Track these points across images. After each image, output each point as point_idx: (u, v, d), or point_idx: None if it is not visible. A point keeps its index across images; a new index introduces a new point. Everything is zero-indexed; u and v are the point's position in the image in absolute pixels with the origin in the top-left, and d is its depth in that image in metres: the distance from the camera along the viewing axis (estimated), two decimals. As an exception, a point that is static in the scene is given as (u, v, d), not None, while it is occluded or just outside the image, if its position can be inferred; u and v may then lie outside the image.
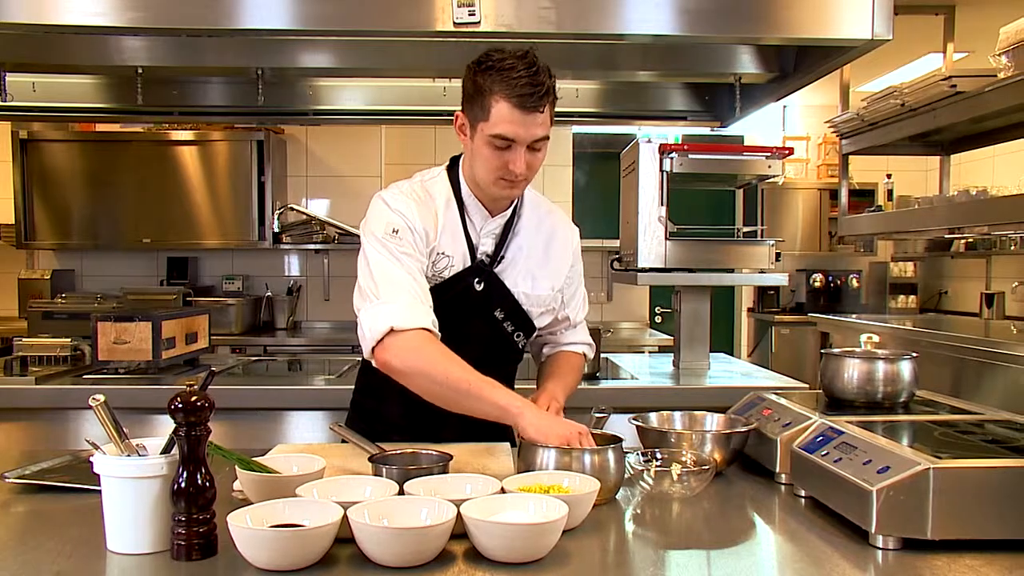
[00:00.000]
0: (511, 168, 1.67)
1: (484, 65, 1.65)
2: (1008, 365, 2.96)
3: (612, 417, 1.75)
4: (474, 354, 1.76)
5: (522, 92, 1.60)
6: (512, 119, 1.62)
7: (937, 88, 3.19)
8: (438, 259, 1.79)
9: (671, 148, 2.99)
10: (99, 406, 1.22)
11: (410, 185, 1.84)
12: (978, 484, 1.23)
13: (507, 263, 1.84)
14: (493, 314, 1.84)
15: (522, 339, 1.91)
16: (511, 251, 1.84)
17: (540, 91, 1.61)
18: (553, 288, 1.89)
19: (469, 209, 1.82)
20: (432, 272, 1.78)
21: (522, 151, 1.66)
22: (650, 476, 1.51)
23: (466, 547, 1.21)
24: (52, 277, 4.95)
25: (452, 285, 1.80)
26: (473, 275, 1.81)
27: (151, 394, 2.65)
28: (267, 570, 1.13)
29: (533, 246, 1.87)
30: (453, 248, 1.80)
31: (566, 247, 1.94)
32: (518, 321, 1.87)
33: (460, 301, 1.80)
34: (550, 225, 1.92)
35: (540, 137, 1.67)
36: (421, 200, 1.80)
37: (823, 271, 6.40)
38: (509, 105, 1.62)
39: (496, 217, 1.83)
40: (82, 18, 2.19)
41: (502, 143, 1.65)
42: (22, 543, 1.27)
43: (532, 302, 1.87)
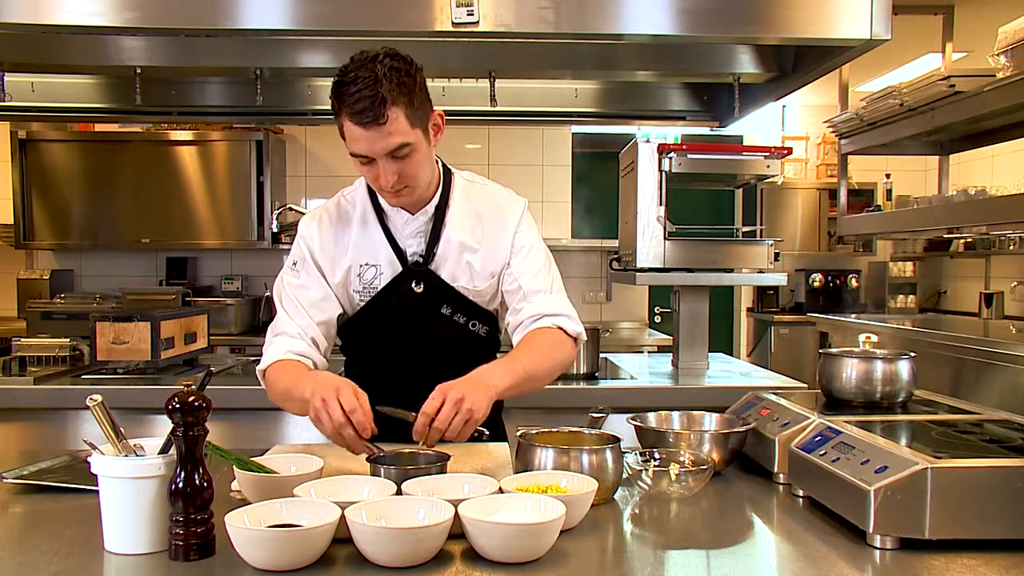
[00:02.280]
0: (379, 182, 1.66)
1: (336, 80, 1.60)
2: (1007, 365, 2.96)
3: (611, 417, 1.75)
4: (443, 353, 1.79)
5: (358, 109, 1.55)
6: (357, 136, 1.59)
7: (936, 88, 3.19)
8: (363, 271, 1.79)
9: (670, 148, 3.00)
10: (96, 406, 1.22)
11: (327, 204, 1.87)
12: (976, 484, 1.23)
13: (440, 258, 1.80)
14: (440, 311, 1.81)
15: (480, 328, 1.86)
16: (442, 246, 1.80)
17: (375, 103, 1.54)
18: (493, 274, 1.83)
19: (388, 213, 1.81)
20: (361, 285, 1.80)
21: (383, 163, 1.62)
22: (648, 476, 1.51)
23: (464, 547, 1.20)
24: (51, 277, 4.95)
25: (390, 292, 1.79)
26: (409, 278, 1.79)
27: (150, 394, 2.65)
28: (265, 570, 1.13)
29: (466, 235, 1.81)
30: (377, 256, 1.79)
31: (504, 224, 1.84)
32: (468, 312, 1.83)
33: (403, 305, 1.79)
34: (485, 208, 1.85)
35: (395, 147, 1.60)
36: (333, 218, 1.83)
37: (822, 271, 6.40)
38: (351, 123, 1.58)
39: (417, 215, 1.79)
40: (80, 18, 2.20)
41: (362, 159, 1.63)
42: (20, 543, 1.27)
43: (475, 293, 1.83)
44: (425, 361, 1.82)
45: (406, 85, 1.58)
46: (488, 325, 1.89)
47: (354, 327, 1.86)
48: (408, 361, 1.84)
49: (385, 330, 1.82)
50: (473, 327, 1.86)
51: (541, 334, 1.76)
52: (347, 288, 1.82)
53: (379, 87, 1.54)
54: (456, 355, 1.80)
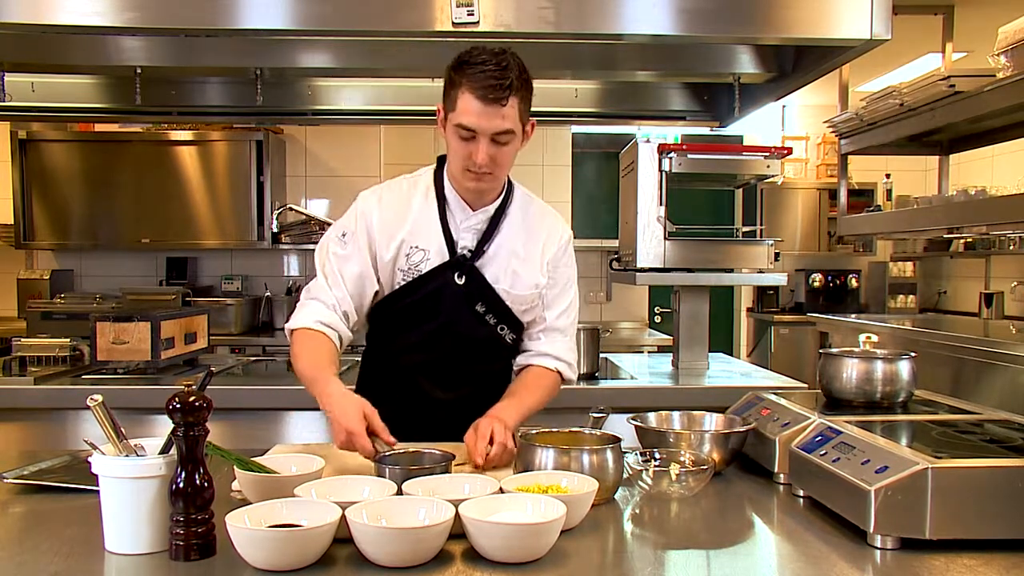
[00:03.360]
0: (473, 159, 1.72)
1: (459, 60, 1.72)
2: (1007, 365, 2.96)
3: (611, 417, 1.75)
4: (462, 348, 1.83)
5: (485, 84, 1.66)
6: (473, 110, 1.68)
7: (936, 88, 3.19)
8: (412, 252, 1.84)
9: (670, 148, 3.00)
10: (97, 406, 1.22)
11: (389, 183, 1.93)
12: (976, 484, 1.23)
13: (488, 258, 1.86)
14: (475, 308, 1.85)
15: (508, 333, 1.90)
16: (493, 247, 1.86)
17: (503, 85, 1.66)
18: (537, 286, 1.89)
19: (450, 203, 1.86)
20: (408, 265, 1.84)
21: (484, 143, 1.71)
22: (648, 476, 1.51)
23: (464, 547, 1.20)
24: (51, 277, 4.94)
25: (431, 278, 1.84)
26: (453, 269, 1.84)
27: (150, 394, 2.65)
28: (265, 570, 1.13)
29: (517, 243, 1.88)
30: (428, 242, 1.84)
31: (552, 246, 1.92)
32: (501, 315, 1.88)
33: (441, 294, 1.84)
34: (539, 225, 1.93)
35: (503, 130, 1.70)
36: (396, 195, 1.88)
37: (822, 271, 6.40)
38: (472, 96, 1.68)
39: (478, 212, 1.86)
40: (80, 18, 2.19)
41: (466, 133, 1.71)
42: (20, 543, 1.27)
43: (513, 299, 1.87)
44: (447, 353, 1.86)
45: (527, 83, 1.73)
46: (515, 333, 1.92)
47: (387, 307, 1.89)
48: (431, 349, 1.87)
49: (417, 314, 1.86)
50: (501, 331, 1.89)
51: (546, 376, 1.91)
52: (393, 265, 1.85)
53: (510, 73, 1.68)
54: (478, 354, 1.87)
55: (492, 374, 1.95)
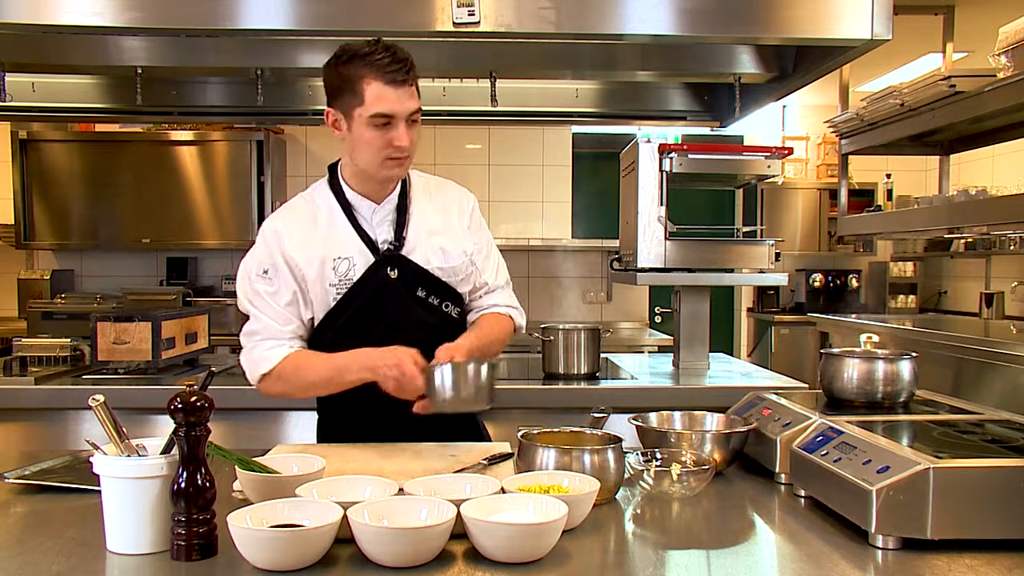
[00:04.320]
0: (396, 144, 1.74)
1: (343, 57, 1.74)
2: (1008, 365, 2.96)
3: (612, 417, 1.75)
4: (417, 337, 1.80)
5: (389, 69, 1.71)
6: (387, 96, 1.71)
7: (936, 88, 3.19)
8: (337, 264, 1.83)
9: (671, 148, 2.99)
10: (99, 406, 1.22)
11: (287, 207, 1.93)
12: (978, 484, 1.23)
13: (412, 243, 1.86)
14: (416, 294, 1.86)
15: (453, 308, 1.92)
16: (412, 231, 1.87)
17: (405, 67, 1.72)
18: (465, 253, 1.91)
19: (355, 206, 1.87)
20: (337, 278, 1.83)
21: (403, 125, 1.74)
22: (650, 476, 1.51)
23: (466, 547, 1.21)
24: (51, 277, 4.95)
25: (365, 281, 1.83)
26: (383, 265, 1.84)
27: (151, 394, 2.65)
28: (267, 570, 1.13)
29: (433, 220, 1.90)
30: (348, 249, 1.84)
31: (465, 214, 1.97)
32: (442, 293, 1.90)
33: (380, 292, 1.83)
34: (445, 197, 1.97)
35: (415, 110, 1.75)
36: (298, 218, 1.88)
37: (822, 271, 6.40)
38: (381, 83, 1.71)
39: (383, 204, 1.87)
40: (81, 18, 2.19)
41: (382, 120, 1.73)
42: (22, 543, 1.27)
43: (447, 273, 1.89)
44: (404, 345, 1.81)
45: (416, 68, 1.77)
46: (459, 307, 1.95)
47: (329, 323, 1.87)
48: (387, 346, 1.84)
49: (363, 320, 1.85)
50: (447, 308, 1.91)
51: (498, 320, 1.97)
52: (322, 283, 1.84)
53: (406, 57, 1.73)
54: (432, 338, 1.82)
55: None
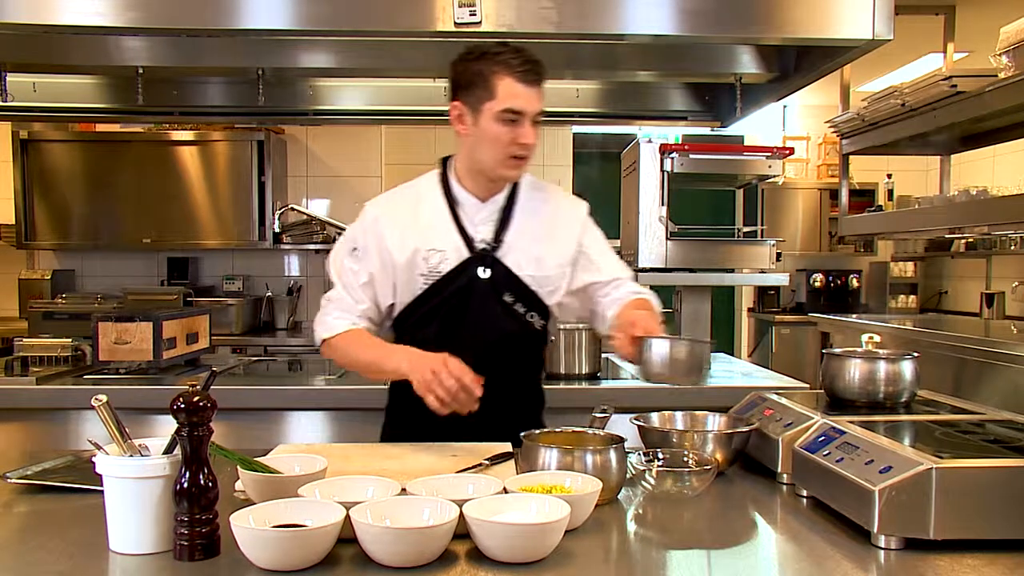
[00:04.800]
0: (522, 141, 1.78)
1: (477, 54, 1.79)
2: (1009, 365, 2.96)
3: (613, 417, 1.75)
4: (494, 341, 1.84)
5: (523, 68, 1.76)
6: (518, 92, 1.76)
7: (937, 88, 3.19)
8: (429, 255, 1.85)
9: (672, 148, 3.00)
10: (102, 406, 1.22)
11: (393, 192, 1.98)
12: (980, 484, 1.23)
13: (508, 247, 1.87)
14: (503, 298, 1.87)
15: (537, 319, 1.91)
16: (511, 235, 1.88)
17: (537, 67, 1.78)
18: (560, 265, 1.92)
19: (460, 202, 1.89)
20: (427, 268, 1.85)
21: (528, 124, 1.78)
22: (652, 476, 1.51)
23: (468, 547, 1.20)
24: (52, 277, 4.95)
25: (454, 277, 1.85)
26: (476, 264, 1.85)
27: (152, 394, 2.65)
28: (270, 570, 1.13)
29: (534, 227, 1.90)
30: (444, 242, 1.86)
31: (571, 223, 1.97)
32: (529, 302, 1.89)
33: (467, 290, 1.85)
34: (552, 204, 1.97)
35: (541, 111, 1.79)
36: (401, 204, 1.93)
37: (823, 271, 6.39)
38: (514, 80, 1.75)
39: (488, 203, 1.89)
40: (82, 18, 2.19)
41: (511, 116, 1.76)
42: (24, 543, 1.27)
43: (539, 282, 1.89)
44: (478, 349, 1.84)
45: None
46: (544, 320, 1.94)
47: (412, 312, 1.90)
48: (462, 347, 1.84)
49: (444, 315, 1.87)
50: (531, 318, 1.91)
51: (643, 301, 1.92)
52: (412, 271, 1.86)
53: (538, 60, 1.79)
54: (509, 345, 1.89)
55: (523, 367, 1.97)
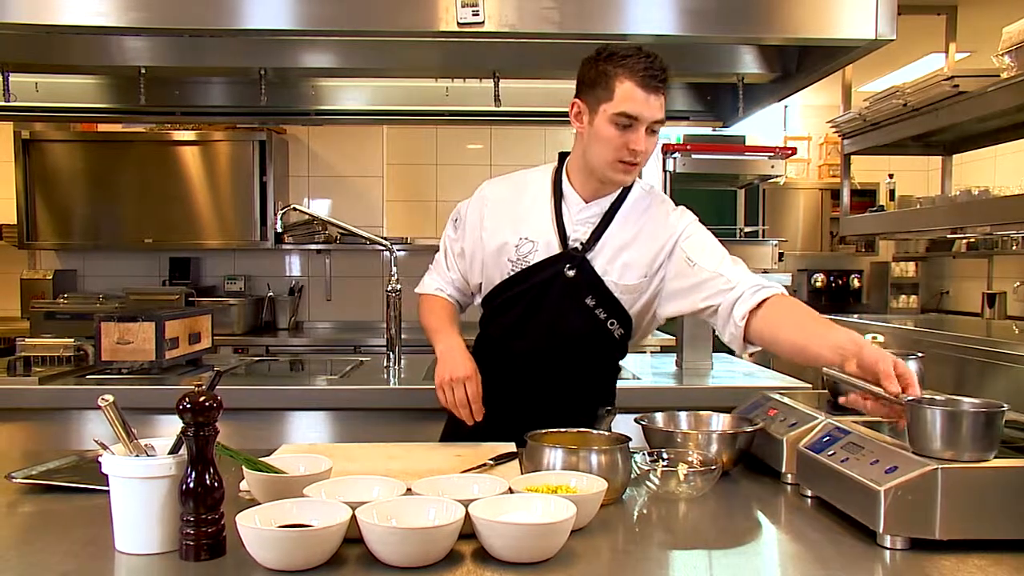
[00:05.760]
0: (632, 147, 1.76)
1: (605, 54, 1.78)
2: (1011, 365, 2.96)
3: (616, 417, 1.75)
4: (568, 342, 1.86)
5: (645, 73, 1.73)
6: (636, 97, 1.73)
7: (939, 88, 3.19)
8: (521, 243, 1.88)
9: (675, 148, 3.00)
10: (108, 406, 1.22)
11: (510, 175, 2.04)
12: (986, 484, 1.23)
13: (599, 250, 1.87)
14: (584, 301, 1.87)
15: (617, 328, 1.91)
16: (607, 240, 1.87)
17: (661, 75, 1.74)
18: (646, 275, 1.88)
19: (566, 197, 1.90)
20: (517, 256, 1.88)
21: (643, 130, 1.75)
22: (656, 476, 1.51)
23: (474, 547, 1.20)
24: (54, 277, 4.95)
25: (539, 270, 1.86)
26: (564, 261, 1.86)
27: (154, 394, 2.65)
28: (276, 570, 1.13)
29: (629, 234, 1.89)
30: (539, 233, 1.87)
31: (668, 233, 1.88)
32: (610, 309, 1.88)
33: (550, 286, 1.86)
34: (654, 213, 1.92)
35: (659, 119, 1.77)
36: (512, 188, 1.98)
37: (824, 271, 6.40)
38: (633, 84, 1.73)
39: (591, 204, 1.89)
40: (84, 18, 2.19)
41: (625, 120, 1.74)
42: (29, 543, 1.27)
43: (622, 290, 1.88)
44: (551, 346, 1.88)
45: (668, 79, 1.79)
46: (624, 328, 1.92)
47: (496, 295, 1.93)
48: (535, 340, 1.89)
49: (523, 304, 1.88)
50: (611, 325, 1.90)
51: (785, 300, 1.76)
52: (502, 256, 1.89)
53: (664, 67, 1.75)
54: (586, 349, 1.90)
55: (596, 370, 1.98)
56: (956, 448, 1.24)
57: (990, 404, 1.28)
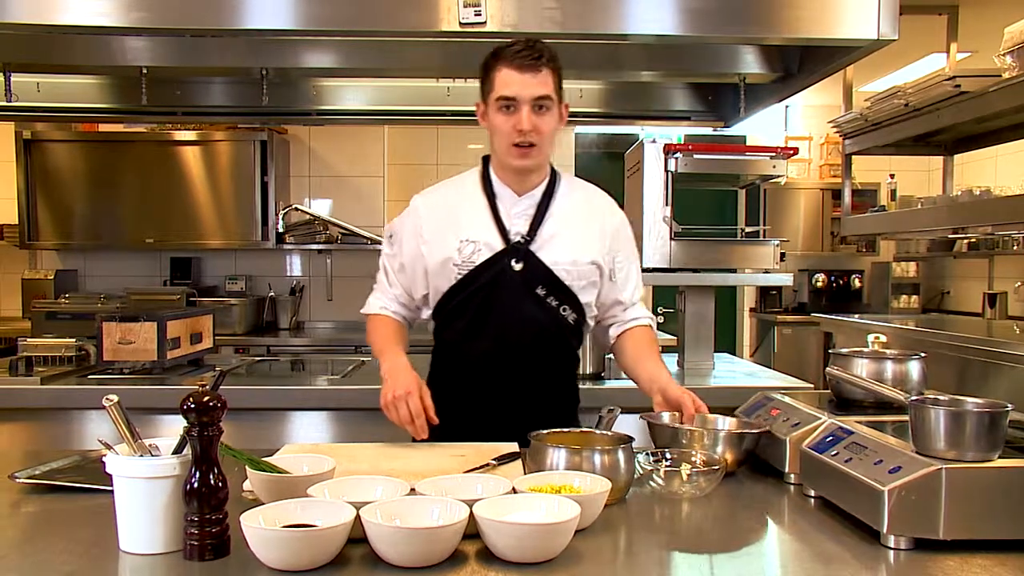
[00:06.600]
0: (518, 128, 1.81)
1: (490, 53, 1.86)
2: (1012, 365, 2.96)
3: (619, 417, 1.75)
4: (526, 334, 1.88)
5: (516, 56, 1.80)
6: (511, 80, 1.80)
7: (941, 88, 3.19)
8: (463, 246, 1.89)
9: (676, 148, 3.00)
10: (112, 406, 1.22)
11: (443, 182, 2.05)
12: (990, 484, 1.23)
13: (544, 240, 1.90)
14: (535, 291, 1.89)
15: (570, 313, 1.93)
16: (547, 228, 1.91)
17: (534, 54, 1.80)
18: (593, 261, 1.93)
19: (498, 193, 1.93)
20: (461, 259, 1.89)
21: (526, 110, 1.80)
22: (660, 476, 1.51)
23: (478, 547, 1.21)
24: (55, 277, 4.95)
25: (486, 268, 1.88)
26: (509, 256, 1.88)
27: (156, 394, 2.66)
28: (280, 570, 1.13)
29: (571, 222, 1.93)
30: (480, 233, 1.89)
31: (607, 224, 1.99)
32: (561, 295, 1.91)
33: (499, 282, 1.87)
34: (590, 202, 2.02)
35: (541, 95, 1.81)
36: (444, 194, 2.00)
37: (825, 271, 6.40)
38: (508, 69, 1.81)
39: (523, 197, 1.92)
40: (86, 18, 2.19)
41: (506, 103, 1.81)
42: (33, 543, 1.27)
43: (573, 276, 1.91)
44: (511, 342, 1.89)
45: (556, 60, 1.87)
46: (577, 313, 1.95)
47: (448, 301, 1.93)
48: (495, 338, 1.89)
49: (477, 305, 1.89)
50: (564, 312, 1.93)
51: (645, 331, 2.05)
52: (447, 261, 1.90)
53: (540, 48, 1.83)
54: (543, 339, 1.91)
55: (556, 362, 1.98)
56: (960, 448, 1.25)
57: (994, 404, 1.29)
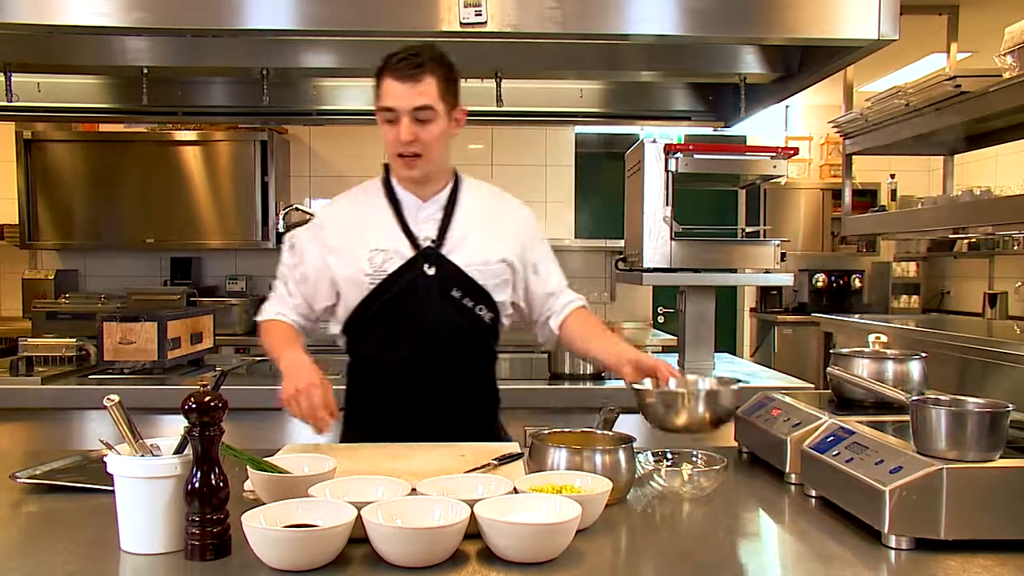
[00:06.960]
0: (398, 138, 1.79)
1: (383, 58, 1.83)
2: (1013, 365, 2.96)
3: (620, 417, 1.74)
4: (445, 336, 1.87)
5: (395, 65, 1.78)
6: (391, 89, 1.78)
7: (941, 88, 3.18)
8: (373, 255, 1.88)
9: (676, 148, 2.99)
10: (114, 406, 1.22)
11: (343, 194, 2.03)
12: (991, 484, 1.23)
13: (454, 243, 1.89)
14: (451, 294, 1.88)
15: (485, 313, 1.92)
16: (456, 231, 1.90)
17: (413, 63, 1.77)
18: (504, 259, 1.93)
19: (402, 202, 1.91)
20: (372, 268, 1.87)
21: (406, 120, 1.78)
22: (661, 476, 1.51)
23: (480, 547, 1.21)
24: (56, 277, 4.95)
25: (399, 276, 1.86)
26: (421, 261, 1.87)
27: (157, 394, 2.66)
28: (281, 570, 1.13)
29: (479, 223, 1.93)
30: (387, 242, 1.88)
31: (517, 224, 2.00)
32: (476, 296, 1.91)
33: (414, 288, 1.86)
34: (496, 206, 2.01)
35: (420, 105, 1.77)
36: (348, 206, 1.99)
37: (825, 271, 6.40)
38: (389, 79, 1.78)
39: (428, 202, 1.91)
40: (87, 18, 2.19)
41: (388, 115, 1.80)
42: (34, 543, 1.27)
43: (486, 276, 1.91)
44: (429, 347, 1.88)
45: (443, 66, 1.82)
46: (493, 312, 1.94)
47: (362, 313, 1.90)
48: (412, 345, 1.88)
49: (393, 313, 1.88)
50: (480, 311, 1.92)
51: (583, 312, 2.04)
52: (357, 273, 1.88)
53: (422, 56, 1.79)
54: (460, 341, 1.90)
55: (474, 363, 1.97)
56: (961, 448, 1.25)
57: (995, 404, 1.29)
